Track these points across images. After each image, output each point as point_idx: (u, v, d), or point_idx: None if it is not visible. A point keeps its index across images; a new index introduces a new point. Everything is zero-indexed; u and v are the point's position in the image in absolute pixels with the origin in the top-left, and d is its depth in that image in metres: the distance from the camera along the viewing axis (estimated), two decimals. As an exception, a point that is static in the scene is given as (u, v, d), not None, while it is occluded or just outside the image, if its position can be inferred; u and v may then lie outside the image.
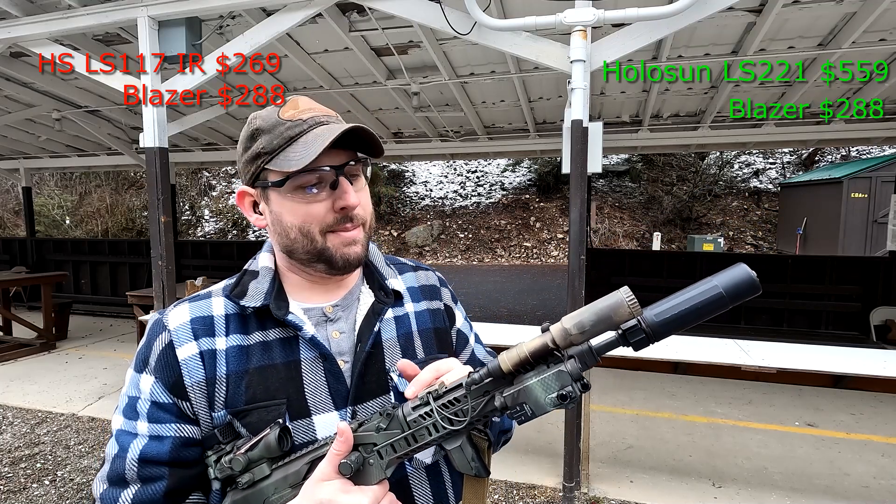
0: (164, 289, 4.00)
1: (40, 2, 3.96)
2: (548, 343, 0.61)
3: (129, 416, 0.73)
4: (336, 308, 0.81)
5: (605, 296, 0.60)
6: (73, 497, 3.11)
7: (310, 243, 0.75)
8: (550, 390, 0.61)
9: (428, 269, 0.96)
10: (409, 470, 0.78)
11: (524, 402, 0.62)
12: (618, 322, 0.59)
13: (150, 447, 0.70)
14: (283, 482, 0.68)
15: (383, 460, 0.65)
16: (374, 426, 0.66)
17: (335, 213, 0.75)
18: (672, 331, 0.60)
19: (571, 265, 3.13)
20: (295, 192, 0.74)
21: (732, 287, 0.58)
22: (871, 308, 5.93)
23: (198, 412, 0.72)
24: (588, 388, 0.62)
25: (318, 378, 0.75)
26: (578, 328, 0.60)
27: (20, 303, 8.51)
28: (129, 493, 0.69)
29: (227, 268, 8.64)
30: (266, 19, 3.72)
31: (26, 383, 5.12)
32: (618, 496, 3.11)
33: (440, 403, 0.65)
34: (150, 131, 3.86)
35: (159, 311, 0.79)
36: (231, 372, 0.73)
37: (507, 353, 0.63)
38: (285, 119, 0.74)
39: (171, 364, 0.73)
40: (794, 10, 3.83)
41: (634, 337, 0.60)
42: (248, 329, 0.76)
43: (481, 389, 0.64)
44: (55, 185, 18.17)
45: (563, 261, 14.12)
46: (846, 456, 3.60)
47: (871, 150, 14.48)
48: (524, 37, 3.21)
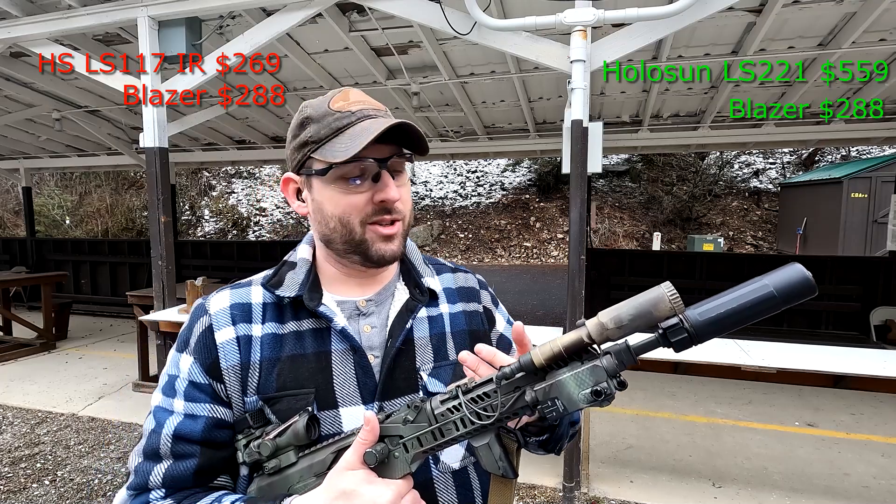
0: (164, 289, 4.00)
1: (40, 2, 3.96)
2: (583, 337, 0.59)
3: (167, 393, 0.76)
4: (369, 302, 0.82)
5: (646, 290, 0.57)
6: (73, 497, 3.11)
7: (348, 234, 0.76)
8: (584, 386, 0.59)
9: (467, 272, 0.95)
10: (436, 473, 0.77)
11: (556, 398, 0.59)
12: (658, 318, 0.56)
13: (184, 425, 0.73)
14: (308, 470, 0.69)
15: (409, 454, 0.64)
16: (401, 418, 0.65)
17: (375, 205, 0.75)
18: (717, 332, 0.56)
19: (571, 265, 3.13)
20: (337, 181, 0.75)
21: (785, 287, 0.54)
22: (871, 308, 5.93)
23: (231, 395, 0.74)
24: (624, 385, 0.59)
25: (347, 370, 0.76)
26: (615, 322, 0.57)
27: (20, 303, 8.51)
28: (161, 468, 0.71)
29: (227, 268, 8.64)
30: (266, 19, 3.72)
31: (26, 383, 5.12)
32: (618, 496, 3.11)
33: (469, 397, 0.63)
34: (150, 131, 3.86)
35: (203, 297, 0.82)
36: (264, 358, 0.75)
37: (540, 347, 0.61)
38: (335, 110, 0.75)
39: (209, 346, 0.75)
40: (794, 10, 3.83)
41: (676, 336, 0.56)
42: (284, 318, 0.78)
43: (512, 384, 0.62)
44: (55, 185, 18.17)
45: (563, 261, 14.12)
46: (846, 456, 3.60)
47: (871, 150, 14.48)
48: (524, 37, 3.21)
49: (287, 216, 17.67)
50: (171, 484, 0.71)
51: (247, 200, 18.37)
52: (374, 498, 0.59)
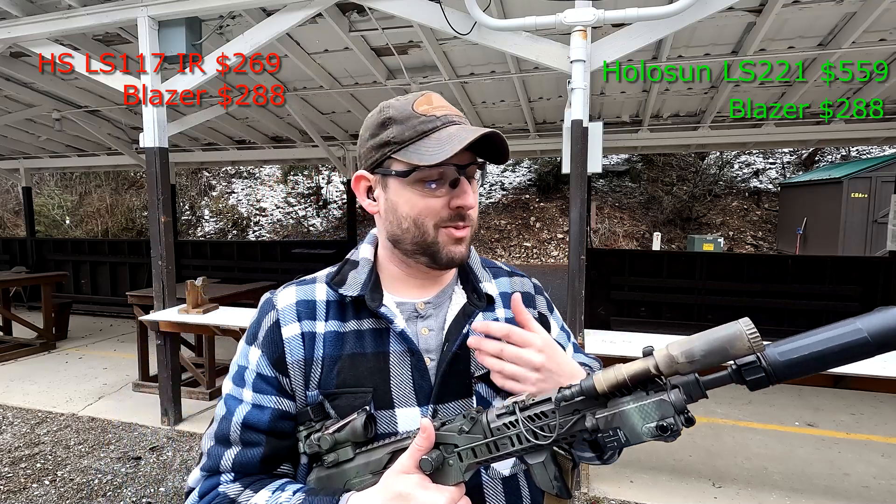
0: (164, 289, 4.00)
1: (40, 2, 3.96)
2: (650, 368, 0.57)
3: (237, 382, 0.80)
4: (428, 305, 0.83)
5: (722, 325, 0.54)
6: (73, 497, 3.11)
7: (421, 235, 0.77)
8: (649, 419, 0.57)
9: (523, 276, 0.95)
10: (485, 479, 0.77)
11: (618, 428, 0.58)
12: (734, 356, 0.53)
13: (251, 414, 0.76)
14: (364, 468, 0.71)
15: (462, 463, 0.64)
16: (456, 427, 0.65)
17: (451, 210, 0.76)
18: (797, 374, 0.53)
19: (571, 265, 3.13)
20: (416, 184, 0.75)
21: (881, 332, 0.50)
22: (871, 308, 5.91)
23: (295, 388, 0.77)
24: (692, 422, 0.57)
25: (404, 371, 0.77)
26: (687, 357, 0.55)
27: (20, 303, 8.51)
28: (231, 453, 0.76)
29: (227, 268, 8.64)
30: (266, 19, 3.72)
31: (26, 383, 5.12)
32: (618, 496, 3.11)
33: (526, 415, 0.63)
34: (150, 131, 3.86)
35: (270, 291, 0.85)
36: (327, 355, 0.78)
37: (604, 372, 0.60)
38: (419, 113, 0.75)
39: (276, 341, 0.78)
40: (794, 10, 3.83)
41: (752, 375, 0.53)
42: (345, 316, 0.80)
43: (571, 407, 0.62)
44: (55, 185, 18.17)
45: (563, 261, 14.12)
46: (846, 456, 3.60)
47: (871, 150, 14.48)
48: (524, 37, 3.21)
49: (287, 216, 17.68)
50: (240, 469, 0.75)
51: (247, 200, 18.37)
52: (428, 503, 0.61)
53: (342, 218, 16.84)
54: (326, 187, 17.91)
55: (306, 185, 18.26)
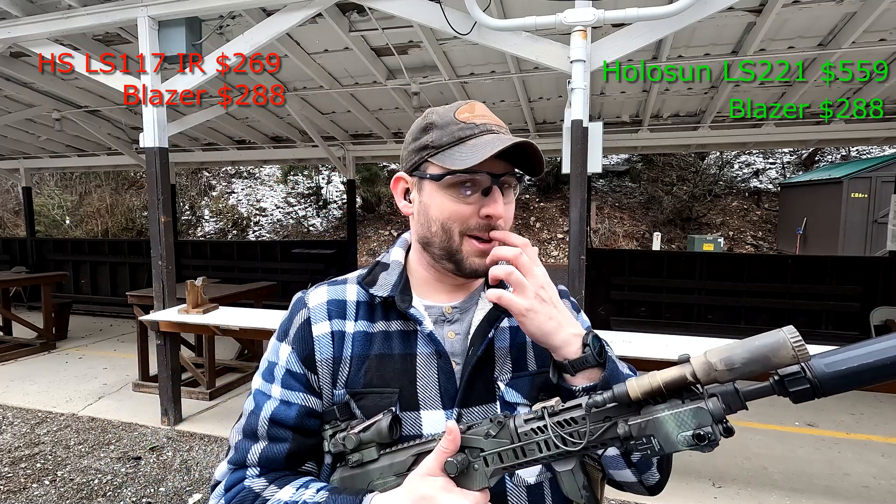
0: (164, 289, 4.00)
1: (40, 2, 3.96)
2: (686, 375, 0.55)
3: (266, 378, 0.81)
4: (455, 310, 0.83)
5: (764, 333, 0.52)
6: (73, 497, 3.11)
7: (447, 240, 0.78)
8: (685, 428, 0.55)
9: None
10: (510, 486, 0.77)
11: (652, 436, 0.56)
12: (777, 365, 0.51)
13: (279, 410, 0.78)
14: (388, 469, 0.70)
15: (488, 468, 0.63)
16: (483, 431, 0.65)
17: (480, 218, 0.77)
18: (844, 387, 0.50)
19: (571, 265, 3.13)
20: (448, 188, 0.77)
21: None
22: (871, 308, 5.93)
23: (322, 386, 0.79)
24: (731, 433, 0.54)
25: (430, 374, 0.78)
26: (726, 364, 0.53)
27: (20, 303, 8.51)
28: (257, 448, 0.77)
29: (227, 268, 8.64)
30: (266, 19, 3.72)
31: (26, 383, 5.12)
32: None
33: (555, 421, 0.61)
34: (150, 131, 3.86)
35: (302, 291, 0.87)
36: (355, 354, 0.79)
37: (637, 379, 0.59)
38: (459, 120, 0.77)
39: (306, 339, 0.80)
40: (794, 10, 3.83)
41: (796, 386, 0.51)
42: (374, 317, 0.82)
43: (602, 413, 0.60)
44: (55, 185, 18.16)
45: (563, 261, 14.12)
46: (846, 456, 3.60)
47: (871, 150, 14.47)
48: (524, 37, 3.21)
49: (287, 216, 17.67)
50: (266, 464, 0.76)
51: (247, 200, 18.36)
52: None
53: (342, 218, 16.83)
54: (326, 187, 17.90)
55: (306, 185, 18.25)
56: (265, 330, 3.74)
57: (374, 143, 7.59)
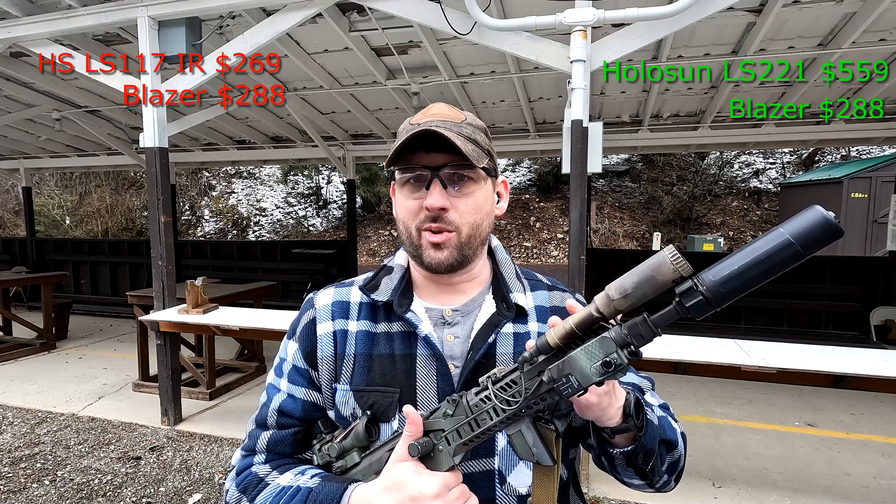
0: (164, 289, 4.00)
1: (40, 2, 3.96)
2: (592, 312, 0.58)
3: (277, 373, 0.88)
4: (455, 313, 0.84)
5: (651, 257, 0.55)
6: (73, 497, 3.11)
7: (408, 237, 0.81)
8: (595, 359, 0.58)
9: (565, 290, 0.94)
10: (499, 493, 0.77)
11: (569, 374, 0.60)
12: (663, 283, 0.53)
13: (286, 402, 0.85)
14: (368, 469, 0.74)
15: (451, 447, 0.66)
16: (441, 412, 0.68)
17: (425, 211, 0.78)
18: (734, 292, 0.52)
19: (571, 265, 3.13)
20: (403, 187, 0.81)
21: (804, 233, 0.49)
22: (871, 308, 5.93)
23: (322, 383, 0.84)
24: (638, 356, 0.57)
25: (429, 375, 0.80)
26: (620, 292, 0.55)
27: (20, 303, 8.50)
28: (266, 435, 0.85)
29: (227, 268, 8.64)
30: (266, 19, 3.72)
31: (26, 383, 5.11)
32: (618, 496, 3.11)
33: (498, 386, 0.65)
34: (150, 131, 3.86)
35: (313, 292, 0.92)
36: (358, 352, 0.83)
37: (555, 328, 0.62)
38: (410, 123, 0.81)
39: (310, 337, 0.85)
40: (794, 10, 3.83)
41: (690, 300, 0.52)
42: (377, 319, 0.85)
43: (535, 369, 0.63)
44: (55, 185, 18.16)
45: (563, 261, 14.11)
46: (846, 456, 3.60)
47: (871, 150, 14.47)
48: (524, 37, 3.21)
49: (287, 216, 17.67)
50: (273, 448, 0.84)
51: (247, 200, 18.35)
52: (421, 488, 0.63)
53: (342, 218, 16.83)
54: (326, 187, 17.90)
55: (306, 185, 18.25)
56: (265, 330, 3.73)
57: (374, 143, 7.59)
